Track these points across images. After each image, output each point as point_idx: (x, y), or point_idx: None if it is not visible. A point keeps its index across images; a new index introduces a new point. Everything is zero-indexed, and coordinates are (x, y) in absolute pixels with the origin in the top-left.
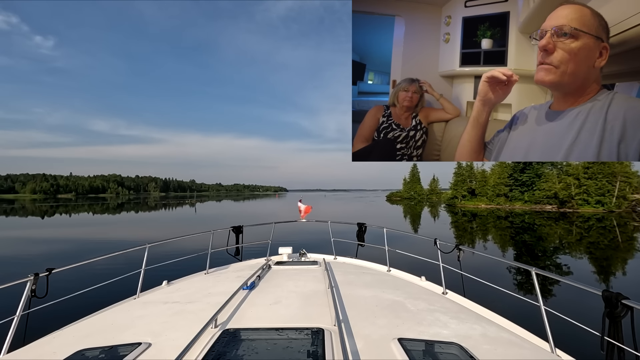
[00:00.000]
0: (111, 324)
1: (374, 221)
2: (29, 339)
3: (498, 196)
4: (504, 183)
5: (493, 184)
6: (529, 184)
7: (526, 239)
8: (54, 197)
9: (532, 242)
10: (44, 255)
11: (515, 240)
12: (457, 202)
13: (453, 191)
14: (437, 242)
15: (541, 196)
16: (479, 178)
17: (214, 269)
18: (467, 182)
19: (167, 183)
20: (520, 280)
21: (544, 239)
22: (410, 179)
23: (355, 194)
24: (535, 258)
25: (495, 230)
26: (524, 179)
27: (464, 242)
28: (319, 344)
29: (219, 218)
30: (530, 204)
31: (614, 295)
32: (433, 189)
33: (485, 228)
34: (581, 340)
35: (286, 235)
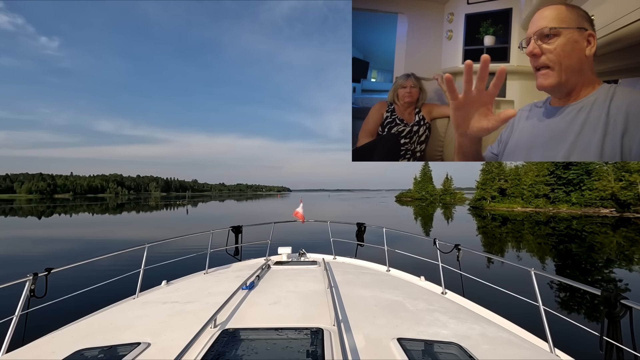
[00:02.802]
0: (110, 324)
1: (400, 226)
2: (28, 338)
3: (537, 197)
4: (543, 182)
5: (530, 182)
6: (576, 182)
7: (572, 248)
8: (50, 197)
9: (580, 253)
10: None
11: (558, 250)
12: (485, 203)
13: (480, 191)
14: (436, 242)
15: (593, 197)
16: (511, 176)
17: (213, 269)
18: (497, 181)
19: (169, 183)
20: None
21: (596, 250)
22: (421, 178)
23: (360, 194)
24: (585, 272)
25: (534, 238)
26: (569, 176)
27: (495, 252)
28: (318, 343)
29: (208, 219)
30: (579, 207)
31: (613, 295)
32: (447, 189)
33: (520, 235)
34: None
35: (285, 235)
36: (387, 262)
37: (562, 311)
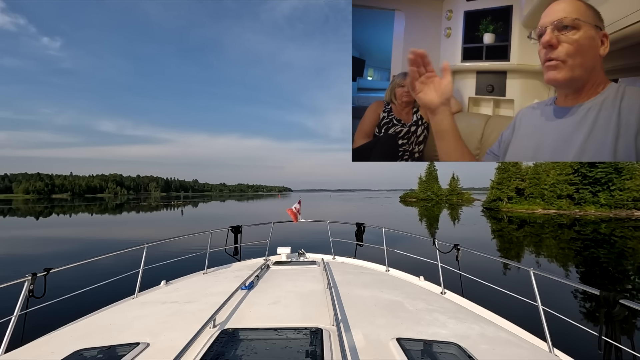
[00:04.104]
0: (109, 324)
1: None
2: (27, 339)
3: (559, 198)
4: (567, 181)
5: (552, 181)
6: (604, 181)
7: (600, 255)
8: (48, 198)
9: (609, 260)
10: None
11: (584, 256)
12: (501, 205)
13: (495, 191)
14: (435, 242)
15: (625, 198)
16: (529, 174)
17: (212, 269)
18: (514, 180)
19: (169, 183)
20: (518, 280)
21: (628, 257)
22: (426, 178)
23: (362, 195)
24: (614, 281)
25: (556, 243)
26: (596, 175)
27: (512, 257)
28: (317, 343)
29: (199, 220)
30: (608, 208)
31: (612, 295)
32: (453, 189)
33: (539, 239)
34: (579, 339)
35: (285, 235)
36: (386, 262)
37: (561, 311)
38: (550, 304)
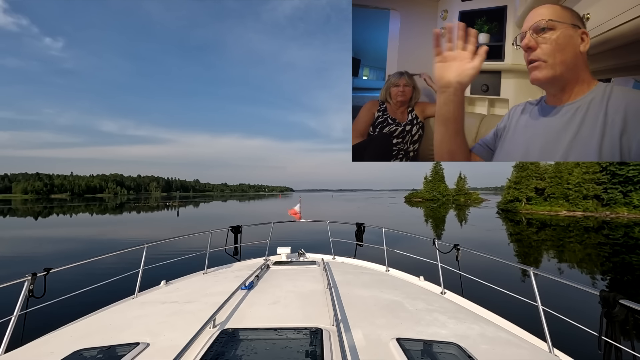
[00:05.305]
0: (109, 324)
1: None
2: (27, 339)
3: (585, 198)
4: (594, 180)
5: (577, 181)
6: (638, 180)
7: (632, 261)
8: (47, 198)
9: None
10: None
11: (613, 262)
12: (519, 206)
13: (513, 191)
14: (435, 242)
15: None
16: (550, 173)
17: (212, 269)
18: (533, 179)
19: (170, 183)
20: (518, 280)
21: None
22: (432, 178)
23: (364, 195)
24: None
25: (582, 248)
26: (627, 173)
27: (529, 263)
28: (317, 343)
29: (199, 220)
30: None
31: (612, 295)
32: (460, 189)
33: (561, 243)
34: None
35: (285, 235)
36: (386, 262)
37: (561, 311)
38: (550, 304)
